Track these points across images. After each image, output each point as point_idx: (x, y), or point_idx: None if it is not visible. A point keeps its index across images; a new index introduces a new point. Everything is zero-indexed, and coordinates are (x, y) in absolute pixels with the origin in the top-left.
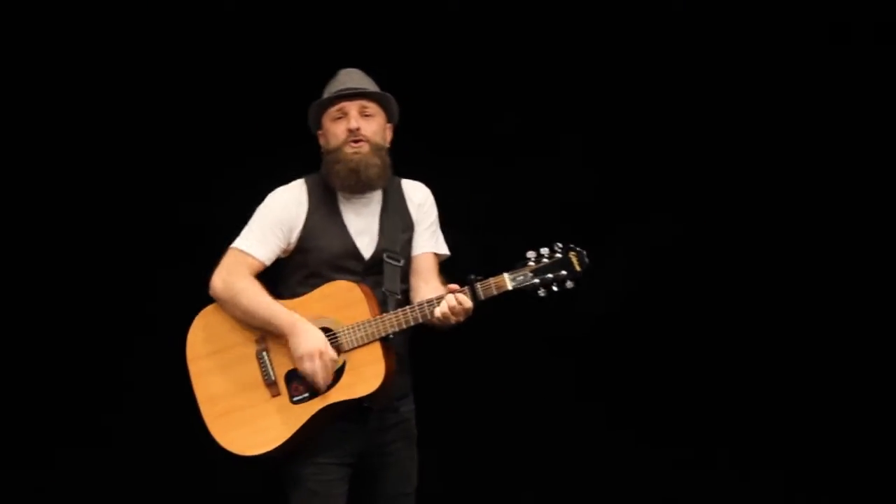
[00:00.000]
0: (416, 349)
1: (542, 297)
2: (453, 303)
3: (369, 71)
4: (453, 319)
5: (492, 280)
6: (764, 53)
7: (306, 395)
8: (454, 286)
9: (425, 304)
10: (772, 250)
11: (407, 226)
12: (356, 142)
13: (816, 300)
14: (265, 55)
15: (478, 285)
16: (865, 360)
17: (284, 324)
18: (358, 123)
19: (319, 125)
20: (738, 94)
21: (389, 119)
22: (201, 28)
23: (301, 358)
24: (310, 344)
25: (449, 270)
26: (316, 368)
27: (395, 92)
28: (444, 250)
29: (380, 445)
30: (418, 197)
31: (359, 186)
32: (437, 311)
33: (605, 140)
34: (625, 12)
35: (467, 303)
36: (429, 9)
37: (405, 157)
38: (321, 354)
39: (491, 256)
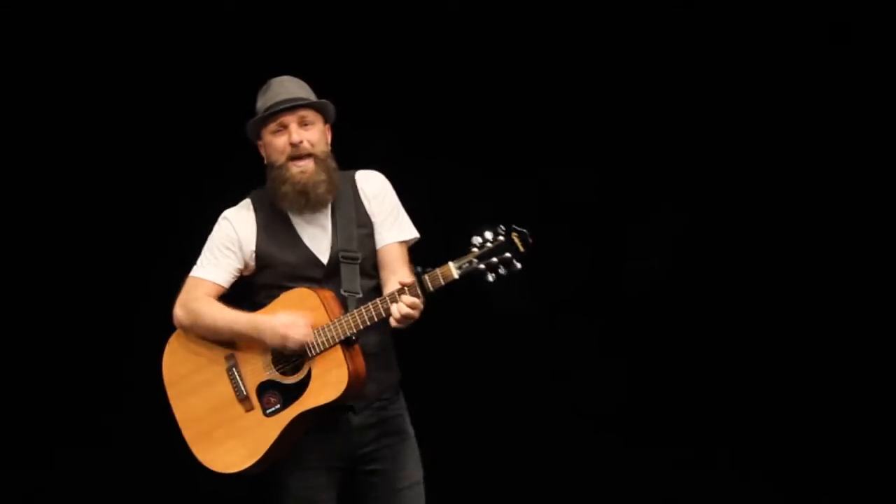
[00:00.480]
0: (407, 347)
1: (491, 282)
2: (405, 310)
3: (376, 71)
4: (411, 320)
5: (438, 270)
6: (765, 49)
7: (278, 406)
8: (403, 280)
9: (378, 302)
10: (772, 251)
11: (363, 221)
12: (300, 158)
13: (816, 300)
14: (263, 54)
15: (425, 277)
16: (866, 360)
17: (246, 327)
18: (300, 136)
19: (259, 136)
20: (739, 93)
21: (327, 120)
22: (199, 26)
23: (285, 338)
24: (279, 327)
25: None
26: (304, 332)
27: (400, 93)
28: (409, 235)
29: (366, 448)
30: (371, 188)
31: (309, 206)
32: (395, 313)
33: (608, 137)
34: (626, 11)
35: (417, 303)
36: (429, 9)
37: (405, 157)
38: (295, 322)
39: None
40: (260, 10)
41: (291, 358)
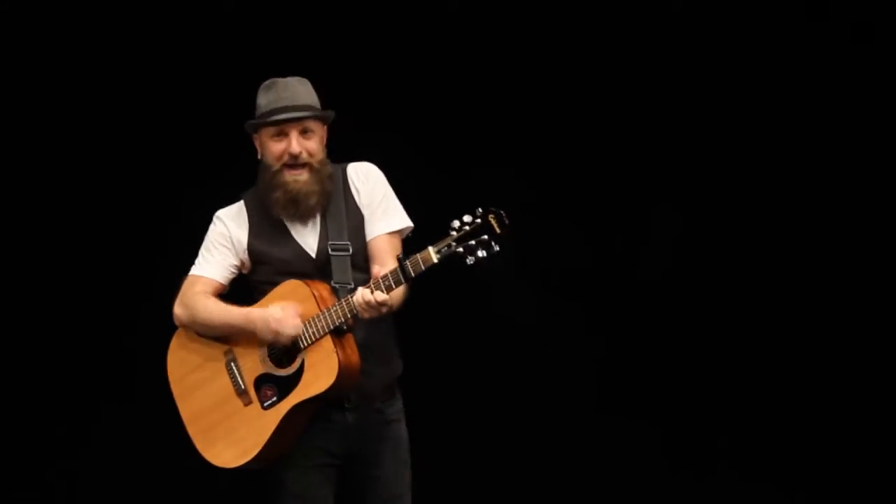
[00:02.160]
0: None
1: (472, 265)
2: (369, 297)
3: (377, 72)
4: (366, 315)
5: (418, 255)
6: (761, 47)
7: (275, 398)
8: (378, 269)
9: (357, 295)
10: (772, 251)
11: (352, 213)
12: (295, 167)
13: (815, 300)
14: (265, 54)
15: (406, 263)
16: (867, 360)
17: (240, 320)
18: (300, 147)
19: (255, 130)
20: (738, 92)
21: (325, 122)
22: (203, 27)
23: (276, 333)
24: (270, 321)
25: None
26: (293, 323)
27: (400, 93)
28: (399, 225)
29: (364, 448)
30: (360, 180)
31: (298, 214)
32: (360, 301)
33: (602, 137)
34: (625, 11)
35: (374, 298)
36: (429, 9)
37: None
38: (285, 314)
39: None
40: (258, 9)
41: (286, 350)
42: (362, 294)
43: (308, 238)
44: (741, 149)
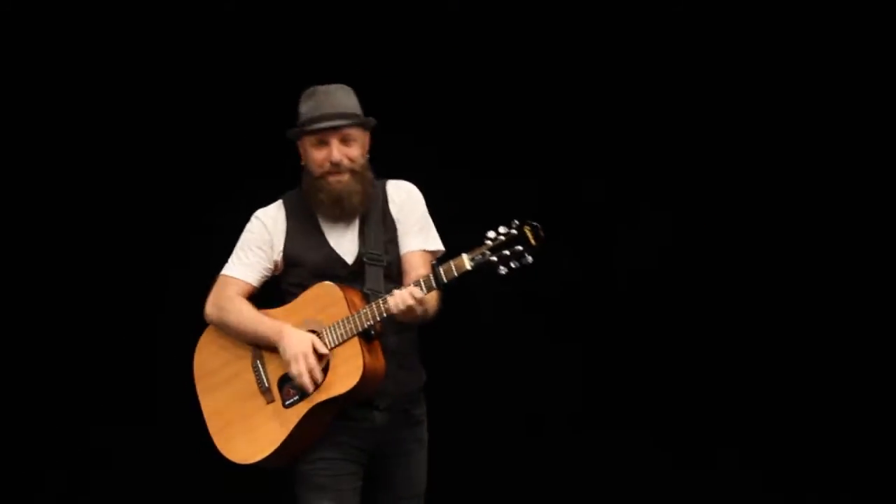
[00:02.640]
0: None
1: (503, 275)
2: (407, 297)
3: (374, 74)
4: (401, 315)
5: (452, 262)
6: (747, 49)
7: (296, 397)
8: (420, 272)
9: (396, 293)
10: (771, 250)
11: (388, 226)
12: (338, 173)
13: (814, 299)
14: (286, 59)
15: (439, 269)
16: (865, 357)
17: (271, 332)
18: (340, 154)
19: (299, 137)
20: (733, 92)
21: (366, 129)
22: (221, 31)
23: (288, 362)
24: (294, 347)
25: None
26: (301, 370)
27: (399, 92)
28: (434, 246)
29: (390, 447)
30: (399, 196)
31: (343, 215)
32: (399, 303)
33: (597, 138)
34: (618, 11)
35: (409, 299)
36: (429, 9)
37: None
38: (305, 356)
39: None
40: (260, 11)
41: (313, 350)
42: (400, 293)
43: (344, 244)
44: (726, 152)
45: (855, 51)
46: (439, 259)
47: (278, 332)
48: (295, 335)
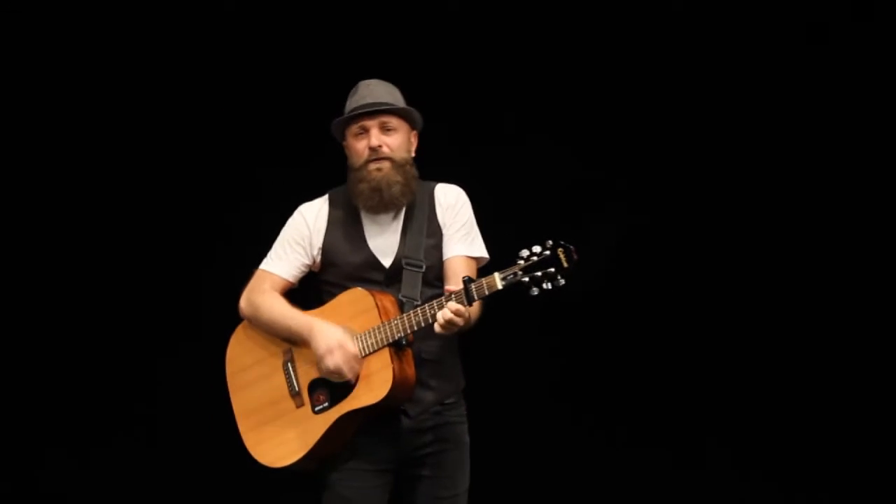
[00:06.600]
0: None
1: (535, 296)
2: (449, 315)
3: (383, 73)
4: (454, 327)
5: (483, 280)
6: (731, 48)
7: (326, 404)
8: (450, 287)
9: (427, 307)
10: (760, 249)
11: (433, 231)
12: (378, 160)
13: (812, 298)
14: (306, 59)
15: (471, 285)
16: (863, 356)
17: (303, 328)
18: (379, 141)
19: (343, 137)
20: (727, 92)
21: (413, 127)
22: (239, 33)
23: (322, 357)
24: (328, 340)
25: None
26: (338, 362)
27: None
28: (478, 253)
29: (416, 451)
30: (447, 200)
31: (382, 205)
32: (440, 319)
33: (586, 134)
34: (614, 11)
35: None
36: (429, 8)
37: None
38: (340, 346)
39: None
40: (261, 11)
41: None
42: (442, 313)
43: (384, 247)
44: (716, 149)
45: (852, 51)
46: (468, 276)
47: (309, 327)
48: (327, 329)
